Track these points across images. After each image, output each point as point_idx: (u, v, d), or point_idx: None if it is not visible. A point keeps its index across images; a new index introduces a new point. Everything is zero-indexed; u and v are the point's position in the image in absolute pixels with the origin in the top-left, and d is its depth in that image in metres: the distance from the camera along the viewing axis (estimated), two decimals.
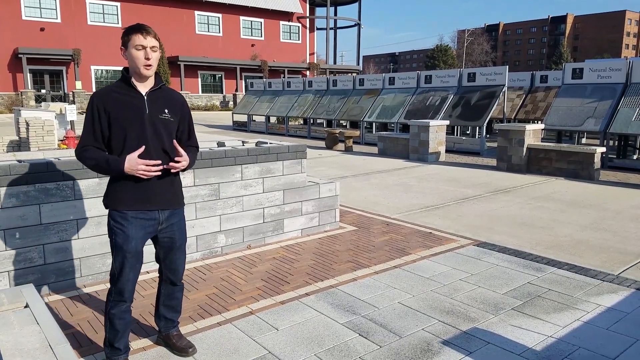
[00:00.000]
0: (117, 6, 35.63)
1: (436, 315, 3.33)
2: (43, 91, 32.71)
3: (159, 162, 2.47)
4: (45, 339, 1.80)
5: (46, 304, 3.40)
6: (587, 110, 10.99)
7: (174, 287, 2.82)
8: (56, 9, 33.44)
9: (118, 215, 2.52)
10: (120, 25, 35.22)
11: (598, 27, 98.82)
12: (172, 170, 2.55)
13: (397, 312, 3.37)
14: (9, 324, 1.90)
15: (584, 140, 14.72)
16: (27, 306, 2.08)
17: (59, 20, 33.53)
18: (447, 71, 14.68)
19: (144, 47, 2.44)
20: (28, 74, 31.56)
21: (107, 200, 2.57)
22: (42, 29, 32.82)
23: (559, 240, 5.12)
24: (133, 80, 2.50)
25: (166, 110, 2.55)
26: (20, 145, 10.55)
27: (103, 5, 35.08)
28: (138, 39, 2.43)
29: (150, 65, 2.46)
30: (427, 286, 3.83)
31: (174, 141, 2.54)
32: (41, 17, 32.89)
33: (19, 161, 3.60)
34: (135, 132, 2.46)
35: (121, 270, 2.53)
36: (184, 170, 2.60)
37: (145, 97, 2.51)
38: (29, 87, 31.66)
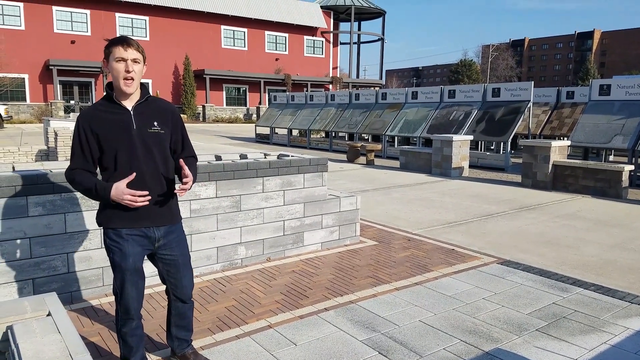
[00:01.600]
0: (145, 20, 36.53)
1: (458, 334, 3.26)
2: (72, 102, 33.62)
3: (146, 192, 2.37)
4: (66, 348, 1.81)
5: (68, 312, 3.44)
6: (615, 127, 10.76)
7: (184, 304, 2.74)
8: (87, 23, 34.46)
9: (113, 233, 2.46)
10: (148, 38, 36.07)
11: (626, 43, 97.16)
12: (179, 193, 2.46)
13: (418, 331, 3.31)
14: (31, 332, 1.91)
15: (611, 158, 14.41)
16: (49, 314, 2.10)
17: (89, 34, 34.52)
18: (471, 86, 14.57)
19: (124, 60, 2.35)
20: (58, 85, 32.50)
21: (101, 218, 2.50)
22: (72, 42, 33.83)
23: (586, 260, 4.99)
24: (116, 96, 2.43)
25: (155, 123, 2.46)
26: (48, 154, 10.80)
27: (132, 19, 36.02)
28: (118, 51, 2.34)
29: (131, 79, 2.36)
30: (449, 304, 3.76)
31: (181, 161, 2.45)
32: (72, 31, 33.94)
33: (47, 170, 3.67)
34: (125, 150, 2.39)
35: (122, 288, 2.48)
36: (190, 186, 2.51)
37: (132, 112, 2.43)
38: (59, 98, 32.57)
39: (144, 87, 2.50)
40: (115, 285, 2.51)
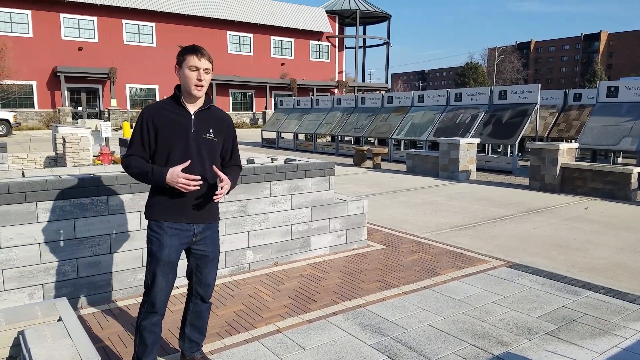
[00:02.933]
0: (152, 26, 36.77)
1: (467, 338, 3.25)
2: (80, 108, 33.85)
3: (199, 177, 2.49)
4: (77, 353, 1.82)
5: (78, 317, 3.46)
6: (623, 129, 10.69)
7: (203, 304, 2.80)
8: (94, 30, 34.73)
9: (155, 224, 2.59)
10: (154, 45, 36.30)
11: (633, 44, 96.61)
12: (216, 199, 2.58)
13: (427, 335, 3.30)
14: (42, 337, 1.93)
15: (619, 160, 14.31)
16: (60, 319, 2.12)
17: (96, 40, 34.79)
18: (477, 89, 14.54)
19: (198, 69, 2.50)
20: (66, 92, 32.75)
21: (147, 211, 2.64)
22: (80, 49, 34.10)
23: (595, 263, 4.96)
24: (183, 99, 2.57)
25: (211, 131, 2.60)
26: (56, 160, 10.88)
27: (139, 25, 36.26)
28: (193, 60, 2.50)
29: (201, 87, 2.52)
30: (458, 308, 3.75)
31: (214, 167, 2.57)
32: (79, 37, 34.22)
33: (56, 176, 3.70)
34: (179, 150, 2.52)
35: (154, 279, 2.57)
36: (228, 191, 2.61)
37: (193, 116, 2.57)
38: (66, 105, 32.81)
39: (207, 96, 2.64)
40: (147, 275, 2.60)
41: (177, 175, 2.44)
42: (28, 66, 31.84)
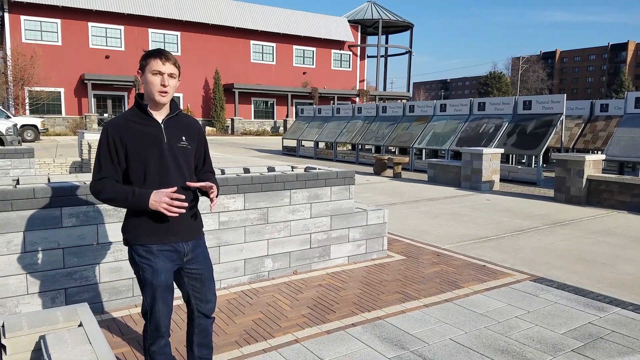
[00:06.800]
0: (177, 35, 37.38)
1: (490, 354, 3.17)
2: (105, 115, 34.52)
3: (183, 197, 2.32)
4: (97, 359, 1.82)
5: (99, 322, 3.49)
6: None
7: (207, 320, 2.63)
8: (121, 38, 35.49)
9: (142, 249, 2.38)
10: (179, 53, 36.85)
11: None
12: (213, 206, 2.44)
13: (448, 349, 3.23)
14: (62, 343, 1.94)
15: None
16: (80, 325, 2.12)
17: (122, 49, 35.52)
18: (501, 98, 14.36)
19: (162, 73, 2.33)
20: (92, 99, 33.46)
21: (129, 235, 2.42)
22: (107, 57, 34.85)
23: (623, 278, 4.81)
24: (149, 107, 2.40)
25: (184, 138, 2.45)
26: (82, 166, 11.07)
27: (164, 34, 36.91)
28: (156, 64, 2.32)
29: (165, 92, 2.35)
30: (481, 322, 3.67)
31: (187, 183, 2.42)
32: (106, 46, 35.00)
33: (81, 182, 3.75)
34: (156, 162, 2.35)
35: (153, 306, 2.42)
36: (217, 195, 2.47)
37: (163, 125, 2.40)
38: (93, 111, 33.50)
39: (174, 101, 2.49)
40: (145, 303, 2.44)
41: (160, 196, 2.27)
42: (57, 73, 32.64)
